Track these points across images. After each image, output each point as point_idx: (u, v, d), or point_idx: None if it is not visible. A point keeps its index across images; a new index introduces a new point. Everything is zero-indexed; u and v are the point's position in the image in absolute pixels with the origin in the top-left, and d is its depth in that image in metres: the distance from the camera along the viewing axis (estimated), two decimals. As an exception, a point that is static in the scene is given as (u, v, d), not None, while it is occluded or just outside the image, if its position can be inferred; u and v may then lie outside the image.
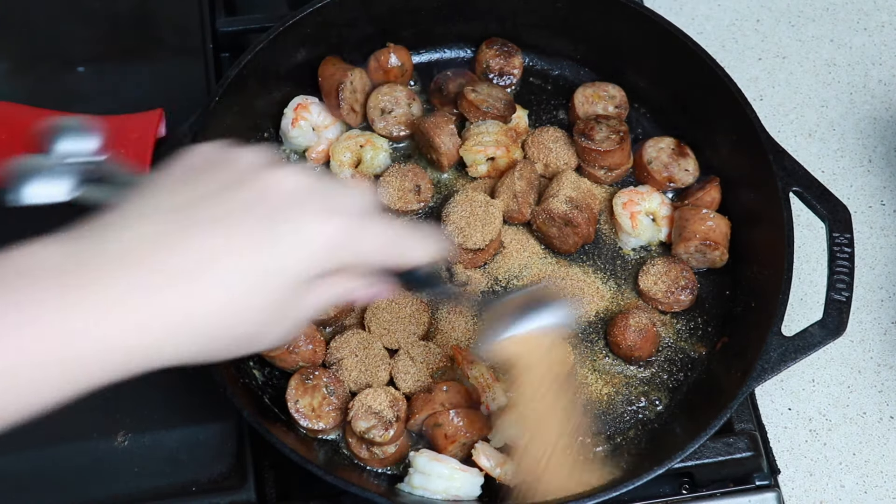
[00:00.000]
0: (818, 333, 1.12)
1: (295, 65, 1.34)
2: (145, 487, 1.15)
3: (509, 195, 1.30)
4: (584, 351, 1.26)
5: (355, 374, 1.19)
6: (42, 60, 1.42)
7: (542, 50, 1.44)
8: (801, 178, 1.21)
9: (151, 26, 1.47)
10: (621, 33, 1.37)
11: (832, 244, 1.17)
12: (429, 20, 1.41)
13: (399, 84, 1.39)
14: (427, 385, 1.18)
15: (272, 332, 0.78)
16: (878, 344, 1.35)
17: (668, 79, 1.37)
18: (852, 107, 1.54)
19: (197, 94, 1.37)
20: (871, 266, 1.41)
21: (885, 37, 1.61)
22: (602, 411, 1.22)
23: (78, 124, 0.88)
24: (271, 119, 1.36)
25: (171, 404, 1.19)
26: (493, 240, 1.27)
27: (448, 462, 1.12)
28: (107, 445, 1.16)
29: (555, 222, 1.28)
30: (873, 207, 1.45)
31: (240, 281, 0.73)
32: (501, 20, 1.42)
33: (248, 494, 1.13)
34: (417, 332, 1.23)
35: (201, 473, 1.16)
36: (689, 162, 1.34)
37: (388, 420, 1.13)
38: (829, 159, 1.50)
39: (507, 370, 1.10)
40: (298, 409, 1.15)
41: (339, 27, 1.35)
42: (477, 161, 1.33)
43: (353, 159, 1.34)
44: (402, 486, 1.13)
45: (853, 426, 1.30)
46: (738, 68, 1.55)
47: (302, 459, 1.05)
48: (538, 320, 1.06)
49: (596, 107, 1.37)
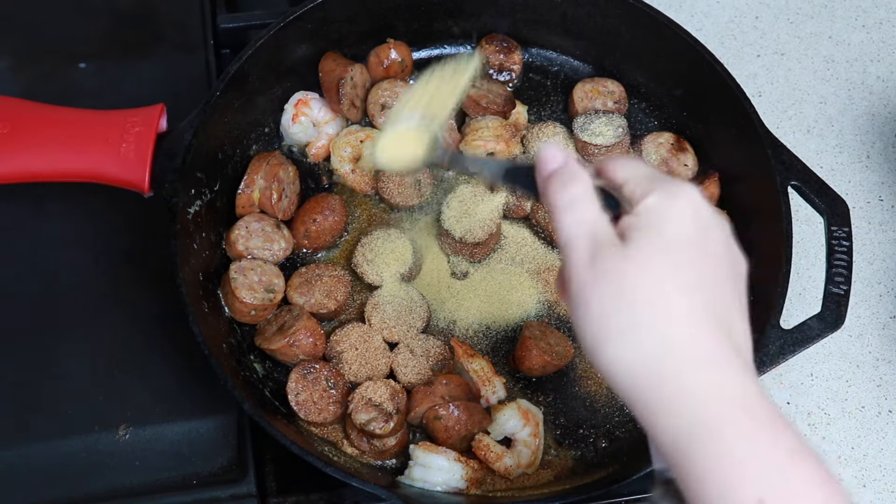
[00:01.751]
0: (817, 326, 1.13)
1: (295, 60, 1.35)
2: (146, 480, 1.15)
3: (508, 190, 1.30)
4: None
5: (355, 367, 1.20)
6: (44, 56, 1.43)
7: (542, 46, 1.45)
8: (799, 172, 1.22)
9: (153, 22, 1.47)
10: (621, 29, 1.38)
11: (830, 238, 1.18)
12: (429, 16, 1.41)
13: (399, 80, 1.39)
14: (427, 378, 1.19)
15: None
16: (877, 338, 1.36)
17: (667, 75, 1.38)
18: (851, 103, 1.55)
19: (198, 89, 1.38)
20: (869, 261, 1.41)
21: (884, 34, 1.61)
22: (602, 405, 1.23)
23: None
24: (272, 114, 1.36)
25: (173, 398, 1.20)
26: (492, 234, 1.28)
27: (448, 454, 1.13)
28: (108, 439, 1.17)
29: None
30: (871, 203, 1.46)
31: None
32: (501, 16, 1.42)
33: (248, 487, 1.14)
34: (417, 325, 1.23)
35: (202, 466, 1.16)
36: (688, 157, 1.34)
37: (389, 412, 1.13)
38: (827, 155, 1.50)
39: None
40: (299, 401, 1.15)
41: (339, 23, 1.35)
42: (477, 156, 1.34)
43: (353, 155, 1.35)
44: (402, 479, 1.13)
45: (852, 420, 1.30)
46: (736, 65, 1.56)
47: (302, 452, 1.06)
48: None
49: (595, 102, 1.38)
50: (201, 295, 1.17)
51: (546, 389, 1.23)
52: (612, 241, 0.77)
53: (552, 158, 0.83)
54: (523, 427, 1.15)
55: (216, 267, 1.24)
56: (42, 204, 1.32)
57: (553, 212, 0.80)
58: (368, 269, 1.26)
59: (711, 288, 0.75)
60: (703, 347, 0.73)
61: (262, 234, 1.25)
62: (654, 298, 0.73)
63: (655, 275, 0.74)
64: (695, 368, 0.72)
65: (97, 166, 1.17)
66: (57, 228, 1.31)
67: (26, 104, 1.22)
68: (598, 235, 0.77)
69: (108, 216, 1.31)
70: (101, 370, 1.21)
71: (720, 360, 0.73)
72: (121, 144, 1.17)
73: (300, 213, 1.30)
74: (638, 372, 0.73)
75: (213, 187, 1.25)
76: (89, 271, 1.27)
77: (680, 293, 0.74)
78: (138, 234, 1.29)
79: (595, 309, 0.75)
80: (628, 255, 0.75)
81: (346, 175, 1.35)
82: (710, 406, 0.71)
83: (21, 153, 1.17)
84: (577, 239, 0.78)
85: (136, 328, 1.24)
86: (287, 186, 1.29)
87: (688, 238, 0.76)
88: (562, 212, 0.80)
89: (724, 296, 0.76)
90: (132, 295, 1.26)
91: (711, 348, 0.73)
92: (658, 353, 0.73)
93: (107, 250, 1.29)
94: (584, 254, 0.77)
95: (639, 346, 0.73)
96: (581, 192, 0.80)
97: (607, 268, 0.75)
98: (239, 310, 1.20)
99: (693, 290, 0.74)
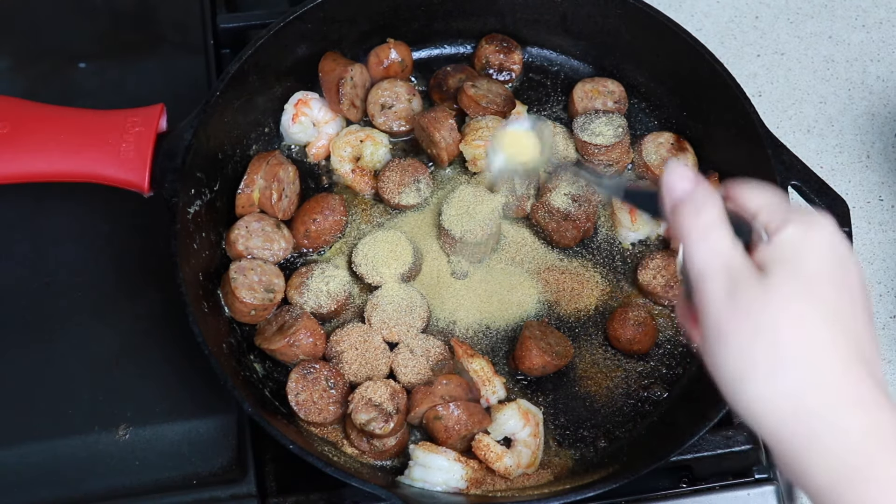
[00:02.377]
0: (816, 326, 1.12)
1: (295, 61, 1.35)
2: (146, 480, 1.15)
3: (509, 190, 1.30)
4: (583, 344, 1.26)
5: (355, 367, 1.20)
6: (44, 56, 1.43)
7: (542, 45, 1.45)
8: (799, 172, 1.22)
9: (153, 22, 1.47)
10: (620, 29, 1.38)
11: (830, 238, 1.18)
12: (429, 16, 1.41)
13: (399, 79, 1.39)
14: (427, 378, 1.19)
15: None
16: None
17: (667, 74, 1.38)
18: (850, 103, 1.55)
19: (198, 89, 1.38)
20: (869, 261, 1.41)
21: (884, 33, 1.61)
22: (602, 405, 1.23)
23: None
24: (272, 114, 1.36)
25: (173, 398, 1.20)
26: (492, 234, 1.28)
27: (448, 454, 1.13)
28: (108, 438, 1.17)
29: (554, 217, 1.28)
30: (871, 203, 1.46)
31: None
32: (501, 16, 1.42)
33: (248, 487, 1.14)
34: (417, 325, 1.23)
35: (202, 466, 1.16)
36: (688, 157, 1.34)
37: (389, 412, 1.13)
38: (827, 155, 1.50)
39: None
40: (299, 401, 1.15)
41: (339, 23, 1.35)
42: (477, 156, 1.33)
43: (353, 154, 1.35)
44: (402, 479, 1.13)
45: (852, 420, 1.30)
46: (736, 64, 1.56)
47: (302, 452, 1.06)
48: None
49: (595, 102, 1.38)
50: (201, 295, 1.17)
51: (546, 389, 1.23)
52: (751, 273, 0.73)
53: (681, 181, 0.79)
54: (523, 427, 1.15)
55: (216, 267, 1.24)
56: (42, 204, 1.32)
57: (686, 240, 0.77)
58: (368, 269, 1.26)
59: (851, 324, 0.73)
60: (852, 384, 0.70)
61: (262, 234, 1.25)
62: (798, 334, 0.71)
63: (798, 310, 0.72)
64: (845, 406, 0.70)
65: (97, 166, 1.17)
66: (57, 228, 1.31)
67: (26, 104, 1.22)
68: (736, 267, 0.74)
69: (108, 216, 1.31)
70: (101, 370, 1.21)
71: (868, 399, 0.70)
72: (121, 144, 1.17)
73: (300, 213, 1.30)
74: (783, 409, 0.71)
75: (213, 187, 1.25)
76: (89, 271, 1.28)
77: (824, 329, 0.71)
78: (138, 234, 1.29)
79: (734, 345, 0.72)
80: (769, 289, 0.72)
81: (346, 175, 1.35)
82: (864, 447, 0.69)
83: (21, 153, 1.17)
84: (714, 271, 0.74)
85: (136, 328, 1.24)
86: (287, 186, 1.29)
87: (828, 272, 0.73)
88: (696, 240, 0.76)
89: (865, 332, 0.74)
90: (132, 295, 1.26)
91: (860, 385, 0.71)
92: (805, 391, 0.70)
93: (107, 250, 1.29)
94: (721, 286, 0.74)
95: (784, 383, 0.71)
96: (715, 219, 0.76)
97: (747, 302, 0.72)
98: (239, 310, 1.20)
99: (835, 325, 0.72)
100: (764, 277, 0.73)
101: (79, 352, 1.22)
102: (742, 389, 0.72)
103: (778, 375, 0.71)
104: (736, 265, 0.74)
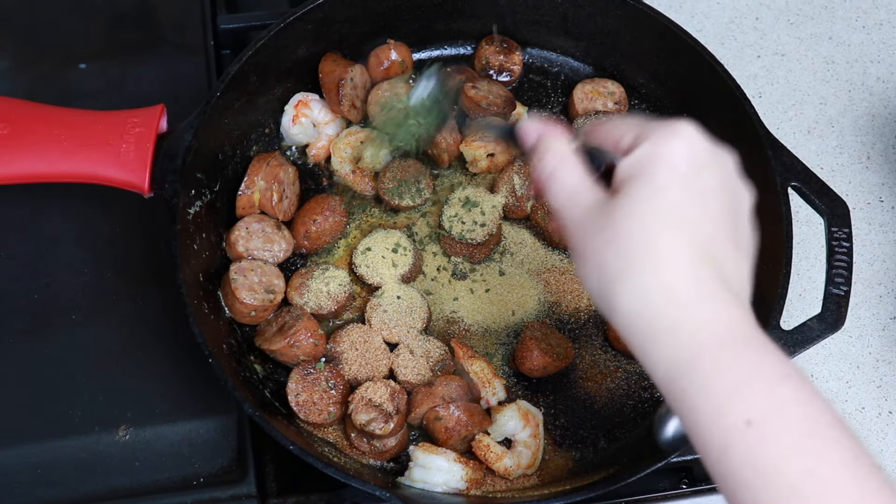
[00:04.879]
0: (817, 327, 1.13)
1: (295, 61, 1.35)
2: (146, 481, 1.15)
3: (509, 190, 1.30)
4: (583, 345, 1.26)
5: (356, 367, 1.20)
6: (44, 57, 1.43)
7: (542, 46, 1.45)
8: (799, 173, 1.22)
9: (153, 23, 1.47)
10: (621, 30, 1.38)
11: (831, 239, 1.18)
12: (429, 17, 1.41)
13: (400, 80, 1.39)
14: (427, 379, 1.19)
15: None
16: (877, 339, 1.36)
17: (667, 75, 1.38)
18: (851, 104, 1.55)
19: (198, 90, 1.38)
20: (869, 262, 1.41)
21: (884, 35, 1.61)
22: (602, 405, 1.23)
23: None
24: (272, 115, 1.36)
25: (173, 398, 1.20)
26: (492, 235, 1.28)
27: (448, 455, 1.13)
28: (108, 439, 1.17)
29: (554, 217, 1.28)
30: (872, 204, 1.46)
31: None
32: (501, 17, 1.42)
33: (248, 488, 1.14)
34: (417, 326, 1.23)
35: (202, 467, 1.16)
36: (689, 158, 1.34)
37: (389, 413, 1.13)
38: (827, 156, 1.50)
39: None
40: (299, 402, 1.15)
41: (339, 24, 1.35)
42: (477, 157, 1.34)
43: (353, 155, 1.35)
44: (402, 480, 1.13)
45: (852, 421, 1.30)
46: (737, 65, 1.56)
47: (303, 452, 1.06)
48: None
49: (595, 103, 1.38)
50: (201, 296, 1.17)
51: (546, 390, 1.23)
52: (599, 197, 0.80)
53: (527, 134, 0.88)
54: (523, 428, 1.15)
55: (216, 268, 1.24)
56: (42, 204, 1.32)
57: (538, 180, 0.85)
58: (368, 270, 1.26)
59: (701, 225, 0.77)
60: (689, 284, 0.75)
61: (263, 235, 1.25)
62: (642, 241, 0.76)
63: (643, 219, 0.77)
64: (681, 304, 0.75)
65: (97, 167, 1.16)
66: (56, 228, 1.31)
67: (26, 104, 1.22)
68: (584, 195, 0.81)
69: (108, 216, 1.31)
70: (101, 370, 1.21)
71: (706, 296, 0.75)
72: (121, 145, 1.17)
73: (300, 213, 1.30)
74: (634, 312, 0.76)
75: (214, 188, 1.25)
76: (89, 271, 1.27)
77: (667, 234, 0.76)
78: (138, 235, 1.29)
79: (591, 259, 0.79)
80: (617, 204, 0.78)
81: (347, 176, 1.35)
82: (695, 340, 0.74)
83: (21, 154, 1.17)
84: (564, 202, 0.83)
85: (136, 328, 1.24)
86: (287, 187, 1.29)
87: (678, 178, 0.78)
88: (545, 183, 0.85)
89: (717, 231, 0.78)
90: (132, 295, 1.26)
91: (698, 284, 0.75)
92: (649, 293, 0.76)
93: (107, 251, 1.29)
94: (573, 213, 0.81)
95: (633, 288, 0.76)
96: (558, 161, 0.84)
97: (598, 221, 0.79)
98: (239, 310, 1.20)
99: (681, 229, 0.76)
100: (615, 196, 0.79)
101: (79, 352, 1.22)
102: (602, 298, 0.79)
103: (626, 280, 0.77)
104: (583, 192, 0.82)
